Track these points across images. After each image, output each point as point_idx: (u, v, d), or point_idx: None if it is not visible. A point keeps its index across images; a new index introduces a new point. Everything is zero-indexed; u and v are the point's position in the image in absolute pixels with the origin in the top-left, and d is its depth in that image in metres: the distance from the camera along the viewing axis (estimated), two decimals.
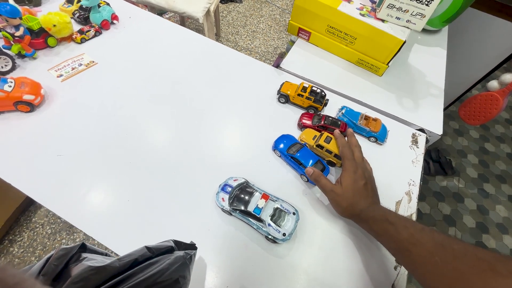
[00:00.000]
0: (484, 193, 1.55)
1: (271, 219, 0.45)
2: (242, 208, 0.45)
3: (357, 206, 0.44)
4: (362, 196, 0.45)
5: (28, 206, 1.21)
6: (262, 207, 0.45)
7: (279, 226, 0.44)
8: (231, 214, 0.48)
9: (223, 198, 0.48)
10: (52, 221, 1.20)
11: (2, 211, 1.10)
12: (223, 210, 0.48)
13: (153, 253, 0.29)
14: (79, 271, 0.22)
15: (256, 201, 0.46)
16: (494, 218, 1.45)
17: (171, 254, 0.31)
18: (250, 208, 0.45)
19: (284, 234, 0.44)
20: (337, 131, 0.55)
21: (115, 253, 0.43)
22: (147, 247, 0.30)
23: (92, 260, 0.26)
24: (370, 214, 0.43)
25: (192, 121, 0.60)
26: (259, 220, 0.45)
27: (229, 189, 0.48)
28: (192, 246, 0.37)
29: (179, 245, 0.34)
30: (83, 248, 0.29)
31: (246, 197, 0.47)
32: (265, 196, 0.47)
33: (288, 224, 0.45)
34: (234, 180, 0.50)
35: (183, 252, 0.32)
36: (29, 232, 1.16)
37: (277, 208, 0.46)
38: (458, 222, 1.43)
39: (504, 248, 1.36)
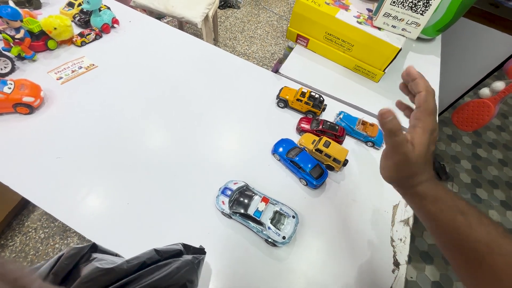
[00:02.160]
0: (477, 198, 1.57)
1: (271, 222, 0.45)
2: (242, 211, 0.46)
3: (420, 176, 0.33)
4: (428, 165, 0.34)
5: (21, 210, 1.19)
6: (262, 210, 0.45)
7: (279, 229, 0.45)
8: (231, 217, 0.48)
9: (223, 201, 0.48)
10: (45, 225, 1.17)
11: None
12: (223, 213, 0.48)
13: (162, 256, 0.29)
14: (88, 271, 0.22)
15: (256, 204, 0.46)
16: None
17: (180, 257, 0.31)
18: (250, 211, 0.45)
19: (283, 237, 0.44)
20: (414, 69, 0.35)
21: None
22: (155, 250, 0.29)
23: (102, 261, 0.26)
24: (431, 192, 0.33)
25: (191, 124, 0.61)
26: (259, 223, 0.45)
27: (229, 192, 0.49)
28: (201, 251, 0.36)
29: (187, 249, 0.34)
30: (93, 248, 0.29)
31: (246, 200, 0.47)
32: (265, 200, 0.47)
33: (287, 227, 0.46)
34: (234, 184, 0.51)
35: (191, 256, 0.32)
36: (22, 236, 1.14)
37: (277, 212, 0.46)
38: None
39: None
